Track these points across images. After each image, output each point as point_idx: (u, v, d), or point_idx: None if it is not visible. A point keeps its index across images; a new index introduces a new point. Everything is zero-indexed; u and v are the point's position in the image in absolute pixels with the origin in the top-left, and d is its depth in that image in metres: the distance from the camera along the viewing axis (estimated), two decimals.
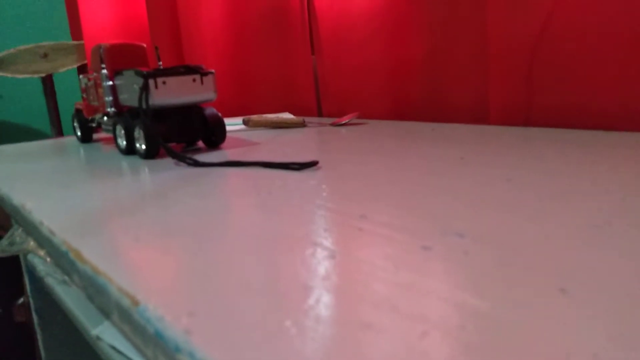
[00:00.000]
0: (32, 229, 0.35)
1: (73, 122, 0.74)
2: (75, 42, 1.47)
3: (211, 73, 0.55)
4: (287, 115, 0.80)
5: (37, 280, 0.61)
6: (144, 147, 0.53)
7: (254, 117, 0.78)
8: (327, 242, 0.25)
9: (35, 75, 1.34)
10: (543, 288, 0.19)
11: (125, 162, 0.54)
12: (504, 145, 0.48)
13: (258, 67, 1.03)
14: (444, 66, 0.72)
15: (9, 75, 1.30)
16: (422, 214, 0.28)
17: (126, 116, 0.56)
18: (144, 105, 0.51)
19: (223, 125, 0.57)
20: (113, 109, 0.59)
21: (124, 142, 0.56)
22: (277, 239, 0.26)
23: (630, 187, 0.31)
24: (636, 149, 0.42)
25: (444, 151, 0.47)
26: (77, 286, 0.28)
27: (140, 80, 0.51)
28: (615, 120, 0.54)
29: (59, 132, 1.47)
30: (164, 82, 0.51)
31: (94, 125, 0.69)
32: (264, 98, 1.03)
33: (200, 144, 0.62)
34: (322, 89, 0.93)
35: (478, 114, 0.69)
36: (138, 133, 0.54)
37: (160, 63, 0.61)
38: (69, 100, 1.65)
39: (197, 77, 0.53)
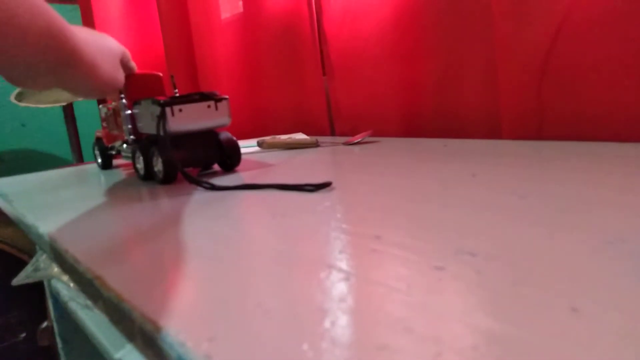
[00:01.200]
0: (56, 257, 0.36)
1: (94, 149, 0.76)
2: None
3: (225, 99, 0.56)
4: (300, 136, 0.81)
5: (60, 305, 0.62)
6: (162, 172, 0.55)
7: (268, 138, 0.80)
8: (342, 264, 0.26)
9: (57, 105, 1.38)
10: (555, 307, 0.19)
11: (145, 187, 0.55)
12: (517, 160, 0.49)
13: (271, 90, 1.05)
14: (454, 82, 0.73)
15: (32, 105, 1.34)
16: (435, 233, 0.29)
17: (145, 143, 0.57)
18: (161, 132, 0.52)
19: (238, 149, 0.59)
20: (132, 137, 0.61)
21: (143, 168, 0.58)
22: (293, 262, 0.27)
23: None
24: None
25: (456, 168, 0.47)
26: (101, 311, 0.28)
27: (158, 109, 0.53)
28: (628, 131, 0.54)
29: (80, 158, 1.51)
30: (180, 110, 0.53)
31: (113, 152, 0.71)
32: (277, 119, 1.05)
33: (217, 167, 0.63)
34: (334, 109, 0.94)
35: (490, 128, 0.69)
36: (156, 159, 0.55)
37: (177, 90, 0.62)
38: (89, 127, 1.69)
39: (212, 103, 0.55)
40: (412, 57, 0.78)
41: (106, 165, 0.75)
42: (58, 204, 0.51)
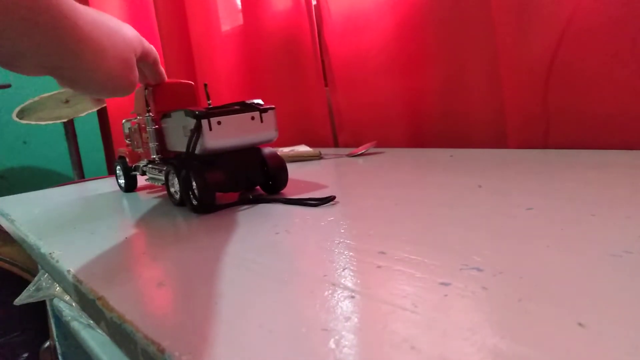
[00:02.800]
0: (58, 277, 0.36)
1: (115, 170, 0.67)
2: None
3: (272, 109, 0.48)
4: (303, 148, 0.81)
5: (63, 325, 0.62)
6: (197, 198, 0.46)
7: None
8: (346, 282, 0.25)
9: (58, 121, 1.39)
10: (561, 323, 0.19)
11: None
12: (523, 170, 0.48)
13: (272, 102, 1.04)
14: (458, 91, 0.73)
15: (33, 122, 1.35)
16: (440, 248, 0.29)
17: (174, 163, 0.49)
18: (196, 150, 0.45)
19: (285, 168, 0.50)
20: (159, 156, 0.54)
21: (178, 192, 0.50)
22: (297, 281, 0.26)
23: None
24: None
25: (462, 179, 0.47)
26: (103, 332, 0.28)
27: (191, 122, 0.45)
28: (636, 138, 0.53)
29: (81, 175, 1.51)
30: (218, 122, 0.45)
31: (137, 173, 0.62)
32: (279, 131, 1.05)
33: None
34: (337, 120, 0.94)
35: (496, 137, 0.69)
36: (190, 182, 0.47)
37: (210, 102, 0.55)
38: (90, 143, 1.70)
39: (257, 114, 0.47)
40: (414, 66, 0.78)
41: (130, 187, 0.66)
42: (60, 223, 0.50)
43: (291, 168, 0.70)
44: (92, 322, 0.51)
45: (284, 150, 0.80)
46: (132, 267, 0.32)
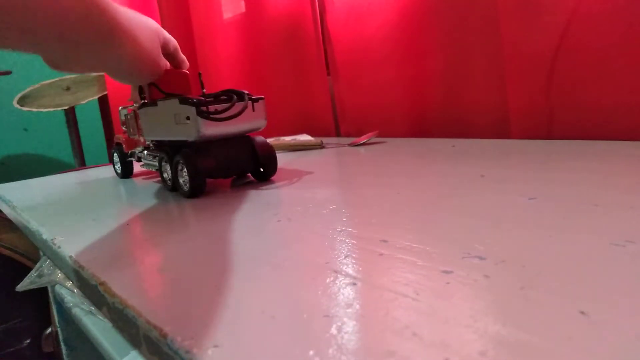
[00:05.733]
0: (60, 263, 0.36)
1: (112, 157, 0.69)
2: (95, 74, 1.52)
3: (262, 99, 0.50)
4: (305, 137, 0.81)
5: (64, 311, 0.62)
6: (187, 184, 0.48)
7: (272, 140, 0.80)
8: (348, 269, 0.25)
9: (59, 108, 1.39)
10: (563, 311, 0.19)
11: (160, 195, 0.55)
12: (526, 160, 0.48)
13: (274, 90, 1.04)
14: (461, 82, 0.73)
15: (34, 109, 1.34)
16: (443, 237, 0.29)
17: (167, 150, 0.51)
18: (192, 137, 0.46)
19: (274, 156, 0.52)
20: (154, 142, 0.56)
21: (170, 178, 0.52)
22: (299, 268, 0.26)
23: None
24: None
25: (465, 169, 0.47)
26: (105, 318, 0.28)
27: (184, 109, 0.46)
28: (638, 129, 0.53)
29: (82, 163, 1.51)
30: (215, 111, 0.46)
31: (133, 159, 0.65)
32: (281, 120, 1.04)
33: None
34: (339, 109, 0.94)
35: (499, 127, 0.68)
36: (181, 169, 0.49)
37: (204, 90, 0.56)
38: (91, 131, 1.69)
39: (249, 103, 0.49)
40: (417, 56, 0.77)
41: (126, 173, 0.67)
42: (60, 209, 0.50)
43: (293, 157, 0.70)
44: (94, 308, 0.51)
45: (285, 139, 0.80)
46: (133, 253, 0.33)
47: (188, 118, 0.46)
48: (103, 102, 1.64)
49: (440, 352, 0.17)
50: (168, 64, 0.54)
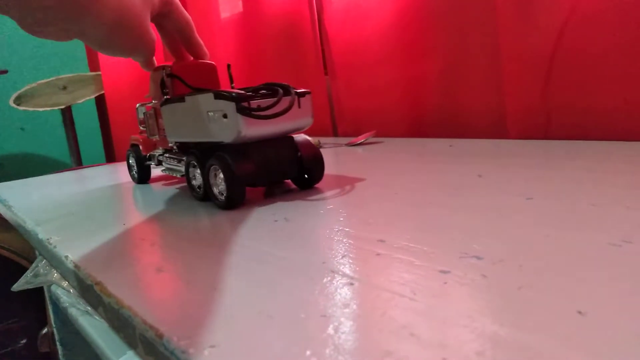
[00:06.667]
0: (56, 263, 0.35)
1: (128, 160, 0.62)
2: (93, 74, 1.51)
3: (308, 93, 0.44)
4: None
5: (60, 311, 0.62)
6: (224, 193, 0.41)
7: None
8: (346, 269, 0.25)
9: (56, 108, 1.38)
10: (561, 311, 0.19)
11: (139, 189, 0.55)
12: (523, 160, 0.48)
13: None
14: (459, 81, 0.73)
15: (31, 109, 1.34)
16: (440, 236, 0.29)
17: (196, 153, 0.44)
18: (229, 139, 0.40)
19: (321, 159, 0.45)
20: (177, 144, 0.49)
21: (201, 186, 0.44)
22: (296, 267, 0.26)
23: None
24: None
25: (462, 169, 0.47)
26: (101, 318, 0.28)
27: (219, 105, 0.39)
28: (636, 129, 0.53)
29: (79, 162, 1.51)
30: (258, 107, 0.39)
31: (152, 163, 0.57)
32: None
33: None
34: (337, 109, 0.94)
35: (496, 128, 0.69)
36: (214, 176, 0.42)
37: (233, 85, 0.50)
38: (87, 130, 1.69)
39: (294, 98, 0.41)
40: (415, 55, 0.77)
41: (143, 178, 0.60)
42: (58, 209, 0.50)
43: None
44: (90, 308, 0.51)
45: None
46: (130, 253, 0.32)
47: (225, 116, 0.39)
48: (100, 101, 1.63)
49: (438, 352, 0.17)
50: (205, 52, 0.48)
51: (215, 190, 0.42)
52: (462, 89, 0.72)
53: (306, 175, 0.45)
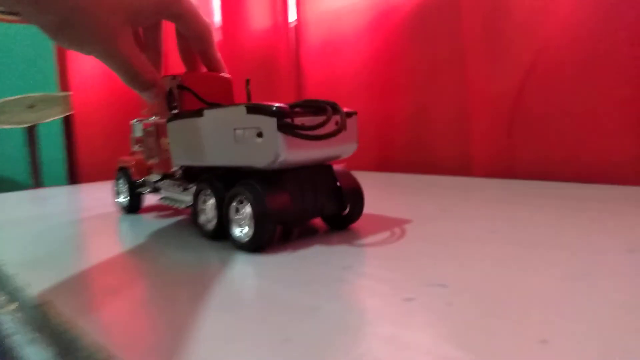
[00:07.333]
0: (2, 284, 0.33)
1: (116, 184, 0.52)
2: (62, 94, 1.48)
3: (354, 114, 0.38)
4: None
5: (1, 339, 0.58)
6: (250, 232, 0.33)
7: None
8: (308, 296, 0.25)
9: (20, 126, 1.34)
10: (524, 339, 0.18)
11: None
12: (488, 196, 0.49)
13: None
14: (427, 121, 0.75)
15: (12, 126, 1.29)
16: (405, 265, 0.28)
17: (212, 180, 0.36)
18: (263, 163, 0.32)
19: (361, 194, 0.38)
20: (182, 168, 0.41)
21: (214, 221, 0.36)
22: (258, 298, 0.26)
23: (610, 240, 0.32)
24: (615, 202, 0.43)
25: (427, 202, 0.47)
26: (47, 342, 0.26)
27: (261, 122, 0.31)
28: (596, 173, 0.55)
29: (38, 183, 1.45)
30: (302, 125, 0.31)
31: (144, 191, 0.48)
32: None
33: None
34: None
35: (462, 165, 0.70)
36: (234, 209, 0.34)
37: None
38: (52, 150, 1.64)
39: (340, 118, 0.33)
40: (386, 93, 0.79)
41: (133, 207, 0.50)
42: (9, 228, 0.48)
43: None
44: (36, 335, 0.47)
45: None
46: (83, 273, 0.31)
47: (260, 134, 0.31)
48: (67, 120, 1.59)
49: None
50: (222, 65, 0.43)
51: (236, 228, 0.34)
52: (430, 128, 0.75)
53: (346, 213, 0.38)
